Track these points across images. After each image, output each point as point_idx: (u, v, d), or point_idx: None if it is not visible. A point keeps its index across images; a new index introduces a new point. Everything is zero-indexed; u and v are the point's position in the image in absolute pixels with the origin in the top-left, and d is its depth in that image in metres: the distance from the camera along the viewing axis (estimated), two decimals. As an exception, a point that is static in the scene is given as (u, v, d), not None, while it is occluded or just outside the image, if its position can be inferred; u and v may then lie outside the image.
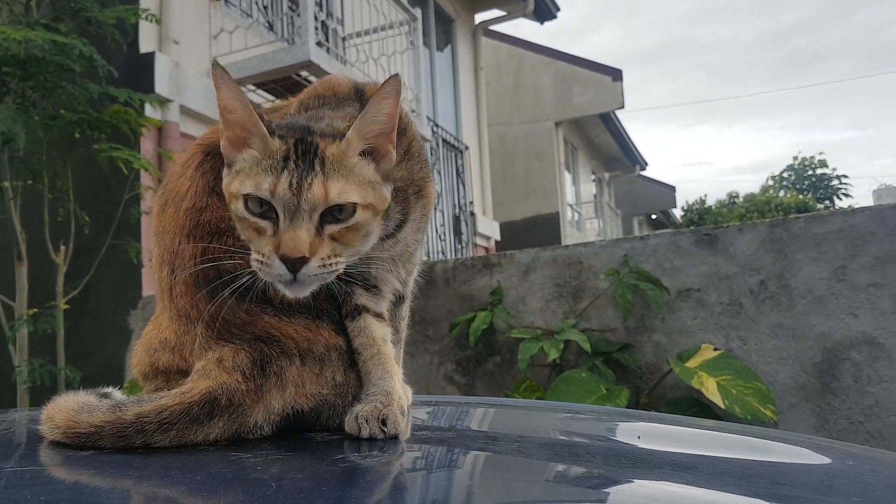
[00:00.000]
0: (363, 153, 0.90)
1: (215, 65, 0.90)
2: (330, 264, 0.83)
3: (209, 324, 0.90)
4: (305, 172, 0.83)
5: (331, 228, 0.84)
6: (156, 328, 1.00)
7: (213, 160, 1.01)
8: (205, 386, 0.86)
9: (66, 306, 3.48)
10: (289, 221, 0.82)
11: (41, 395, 3.57)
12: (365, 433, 0.87)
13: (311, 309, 0.95)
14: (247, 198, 0.84)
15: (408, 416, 0.94)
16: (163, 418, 0.82)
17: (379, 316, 1.02)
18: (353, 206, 0.85)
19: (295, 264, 0.81)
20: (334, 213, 0.84)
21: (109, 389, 1.06)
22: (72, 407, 0.86)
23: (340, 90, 1.07)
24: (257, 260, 0.84)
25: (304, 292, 0.86)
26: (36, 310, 3.51)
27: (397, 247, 1.03)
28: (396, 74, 0.91)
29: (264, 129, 0.87)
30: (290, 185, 0.82)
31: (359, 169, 0.88)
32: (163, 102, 4.54)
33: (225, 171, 0.91)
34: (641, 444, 1.00)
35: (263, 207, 0.84)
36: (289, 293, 0.86)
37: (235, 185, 0.86)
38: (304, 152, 0.85)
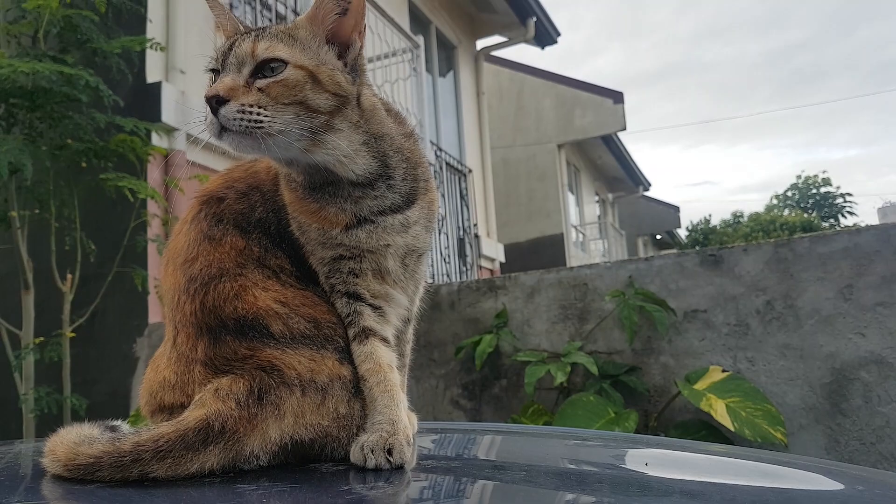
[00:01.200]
0: (326, 41, 0.99)
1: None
2: (250, 111, 0.90)
3: (207, 362, 0.92)
4: (243, 38, 0.96)
5: (260, 82, 0.93)
6: (154, 371, 1.02)
7: (208, 207, 1.06)
8: (199, 413, 0.87)
9: (73, 334, 3.49)
10: (221, 75, 0.95)
11: (47, 423, 3.56)
12: (371, 464, 0.87)
13: (316, 338, 0.95)
14: (210, 73, 0.99)
15: (413, 444, 0.94)
16: (159, 446, 0.83)
17: (385, 340, 1.03)
18: (283, 63, 0.93)
19: (214, 104, 0.90)
20: (264, 70, 0.93)
21: (118, 423, 1.05)
22: (73, 440, 0.87)
23: None
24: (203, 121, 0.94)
25: (244, 144, 0.92)
26: (42, 338, 3.51)
27: (408, 233, 1.05)
28: None
29: (241, 27, 1.03)
30: (227, 48, 0.96)
31: (307, 42, 0.97)
32: (169, 131, 4.58)
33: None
34: (650, 472, 0.99)
35: (213, 71, 0.98)
36: (232, 147, 0.93)
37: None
38: (249, 31, 0.99)
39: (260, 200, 1.07)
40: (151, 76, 4.75)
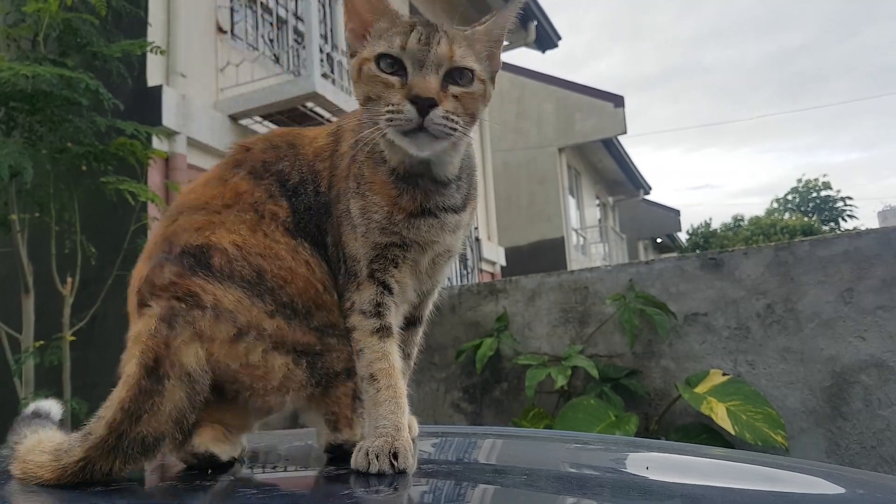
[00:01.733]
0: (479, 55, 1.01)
1: None
2: (452, 119, 0.91)
3: (142, 288, 0.98)
4: (433, 34, 0.94)
5: (454, 88, 0.93)
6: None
7: (235, 154, 1.13)
8: (133, 360, 0.90)
9: (73, 338, 3.49)
10: (418, 71, 0.92)
11: (47, 427, 3.56)
12: (374, 469, 0.86)
13: (255, 286, 0.97)
14: (379, 58, 0.94)
15: (414, 448, 0.94)
16: (126, 408, 0.85)
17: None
18: (472, 74, 0.95)
19: (424, 105, 0.89)
20: (455, 75, 0.94)
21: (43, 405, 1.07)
22: (48, 453, 0.88)
23: None
24: (388, 111, 0.91)
25: (428, 146, 0.93)
26: (42, 342, 3.51)
27: (455, 234, 1.08)
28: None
29: (393, 9, 1.00)
30: (419, 40, 0.93)
31: (479, 53, 0.99)
32: (170, 134, 4.58)
33: (351, 62, 1.03)
34: (651, 475, 0.99)
35: (395, 66, 0.94)
36: (414, 147, 0.93)
37: (366, 52, 0.97)
38: (429, 23, 0.97)
39: (290, 156, 1.10)
40: (152, 80, 4.76)
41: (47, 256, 3.64)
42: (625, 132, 15.68)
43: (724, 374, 3.17)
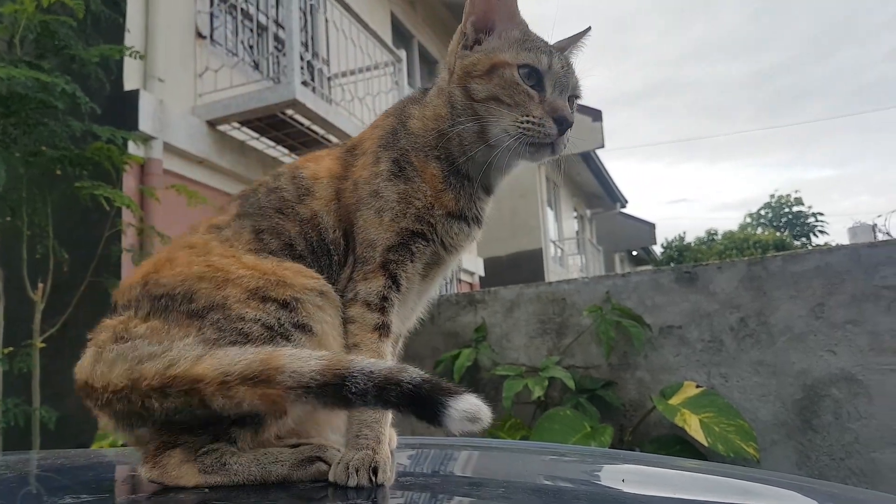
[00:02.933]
0: None
1: None
2: (568, 140, 1.07)
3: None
4: (566, 64, 1.07)
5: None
6: None
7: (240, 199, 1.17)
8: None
9: (43, 345, 3.42)
10: (557, 93, 1.05)
11: (15, 436, 3.48)
12: (353, 482, 0.85)
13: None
14: (523, 67, 1.04)
15: (393, 460, 0.93)
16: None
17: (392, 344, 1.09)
18: (577, 102, 1.11)
19: (564, 127, 1.03)
20: (572, 101, 1.08)
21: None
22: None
23: None
24: (528, 121, 1.02)
25: (543, 159, 1.08)
26: (11, 348, 3.44)
27: (466, 251, 1.17)
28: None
29: (523, 18, 1.11)
30: (563, 67, 1.06)
31: None
32: (146, 140, 4.53)
33: (465, 52, 1.13)
34: (626, 488, 0.99)
35: (534, 80, 1.04)
36: (535, 157, 1.07)
37: (507, 56, 1.06)
38: (555, 49, 1.10)
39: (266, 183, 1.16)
40: (129, 84, 4.71)
41: (18, 261, 3.58)
42: (602, 146, 15.84)
43: (697, 387, 3.20)
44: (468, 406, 0.76)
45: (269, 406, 0.84)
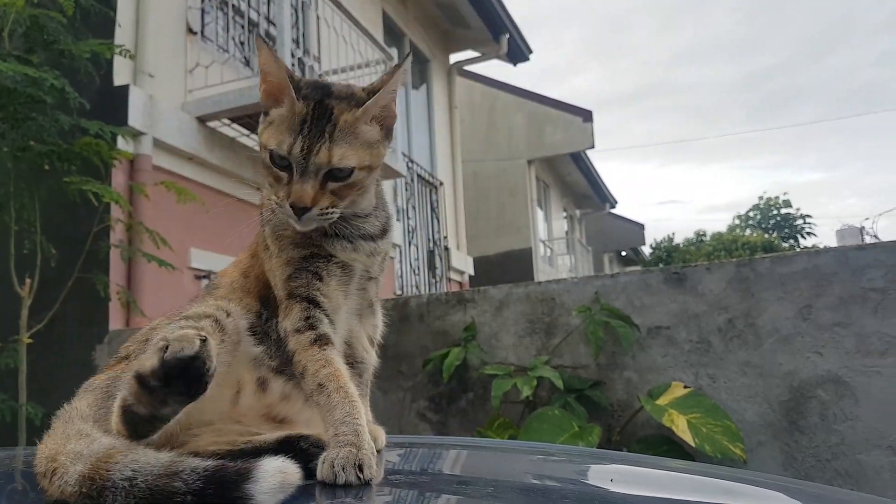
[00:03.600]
0: (375, 121, 1.09)
1: (257, 36, 1.14)
2: (328, 211, 1.03)
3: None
4: (317, 138, 1.02)
5: (332, 185, 1.03)
6: None
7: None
8: None
9: (30, 340, 3.40)
10: (299, 176, 1.02)
11: (1, 431, 3.46)
12: (341, 480, 0.85)
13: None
14: (272, 152, 1.04)
15: (381, 459, 0.93)
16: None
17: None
18: (352, 169, 1.04)
19: (299, 212, 1.01)
20: (335, 173, 1.03)
21: None
22: None
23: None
24: (274, 201, 1.04)
25: (307, 228, 1.05)
26: (-2, 344, 3.42)
27: (372, 259, 1.15)
28: (401, 65, 1.11)
29: (293, 91, 1.06)
30: (303, 149, 1.01)
31: (364, 134, 1.07)
32: (135, 135, 4.51)
33: (261, 118, 1.11)
34: (614, 488, 1.00)
35: (283, 161, 1.03)
36: (297, 227, 1.04)
37: (266, 137, 1.06)
38: (318, 117, 1.04)
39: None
40: (119, 79, 4.68)
41: (5, 256, 3.55)
42: (593, 146, 15.89)
43: (685, 387, 3.22)
44: (271, 482, 0.68)
45: None
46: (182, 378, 0.78)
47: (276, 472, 0.68)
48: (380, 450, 1.08)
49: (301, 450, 0.88)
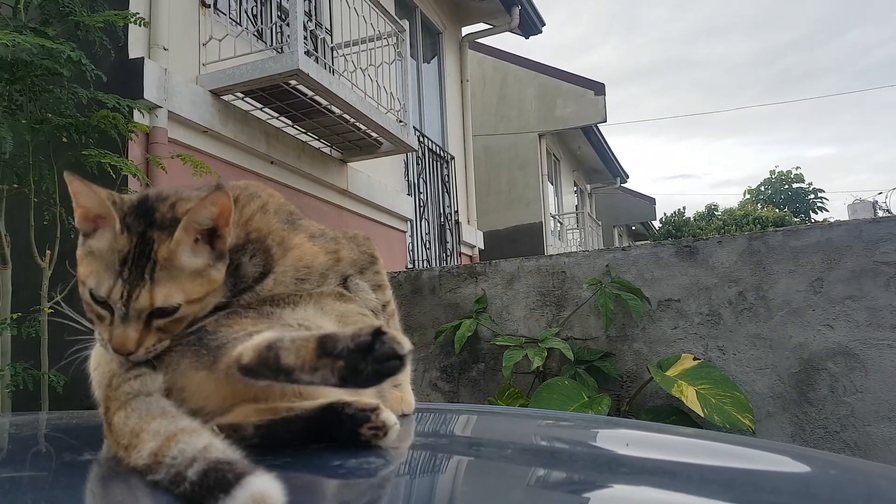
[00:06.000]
0: (198, 238, 0.95)
1: (66, 172, 0.96)
2: (154, 349, 0.92)
3: None
4: (137, 279, 0.90)
5: (158, 322, 0.91)
6: None
7: None
8: None
9: (51, 310, 3.46)
10: (119, 320, 0.90)
11: (24, 399, 3.54)
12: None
13: None
14: (90, 290, 0.92)
15: (409, 420, 0.96)
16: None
17: None
18: (178, 306, 0.92)
19: (123, 357, 0.90)
20: (159, 312, 0.91)
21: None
22: None
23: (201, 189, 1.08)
24: (99, 339, 0.94)
25: (137, 362, 0.92)
26: (20, 314, 3.48)
27: (275, 289, 1.05)
28: (223, 190, 0.94)
29: (118, 223, 0.92)
30: (122, 294, 0.90)
31: (189, 264, 0.94)
32: (151, 108, 4.53)
33: (81, 240, 0.96)
34: (630, 452, 1.04)
35: (104, 302, 0.91)
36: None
37: (83, 270, 0.93)
38: (140, 254, 0.91)
39: None
40: (134, 52, 4.69)
41: (26, 228, 3.60)
42: (605, 120, 15.76)
43: (694, 359, 3.26)
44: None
45: None
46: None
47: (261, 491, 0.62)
48: (408, 414, 1.12)
49: (348, 416, 0.85)
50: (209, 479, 0.65)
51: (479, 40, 11.98)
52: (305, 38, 5.52)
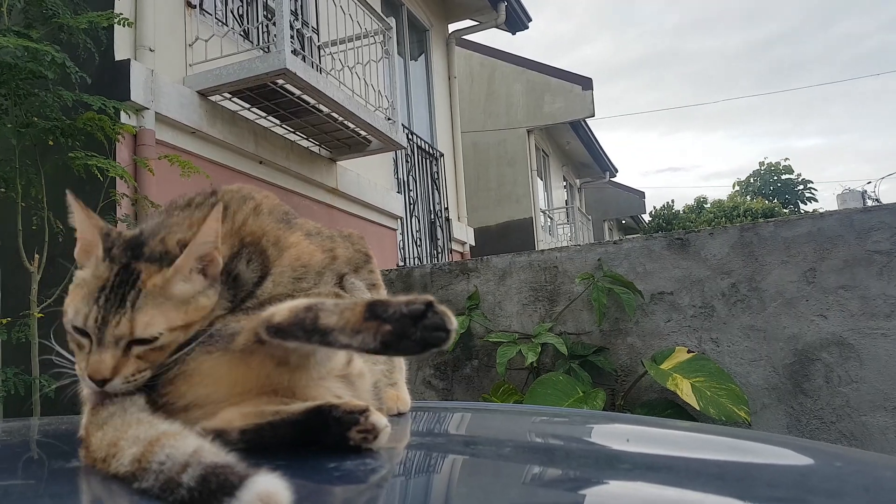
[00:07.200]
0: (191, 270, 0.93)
1: (68, 193, 0.97)
2: (134, 379, 0.88)
3: None
4: (115, 307, 0.88)
5: (137, 350, 0.88)
6: None
7: None
8: None
9: (41, 315, 3.43)
10: (96, 346, 0.88)
11: (15, 404, 3.51)
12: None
13: None
14: (69, 319, 0.90)
15: (405, 419, 0.95)
16: None
17: None
18: (159, 334, 0.89)
19: (99, 383, 0.87)
20: (140, 340, 0.88)
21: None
22: None
23: (195, 199, 1.07)
24: (78, 372, 0.90)
25: (115, 394, 0.89)
26: (9, 319, 3.45)
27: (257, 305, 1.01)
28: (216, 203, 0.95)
29: (101, 251, 0.92)
30: (97, 319, 0.87)
31: (179, 293, 0.92)
32: (138, 110, 4.49)
33: (77, 272, 0.96)
34: (631, 448, 1.03)
35: (82, 330, 0.89)
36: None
37: (67, 300, 0.92)
38: (121, 283, 0.89)
39: None
40: (120, 54, 4.65)
41: (14, 233, 3.56)
42: (593, 115, 15.78)
43: (689, 352, 3.27)
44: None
45: None
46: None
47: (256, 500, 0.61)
48: (404, 412, 1.11)
49: (335, 419, 0.83)
50: (210, 483, 0.63)
51: (466, 37, 11.96)
52: (292, 37, 5.48)
